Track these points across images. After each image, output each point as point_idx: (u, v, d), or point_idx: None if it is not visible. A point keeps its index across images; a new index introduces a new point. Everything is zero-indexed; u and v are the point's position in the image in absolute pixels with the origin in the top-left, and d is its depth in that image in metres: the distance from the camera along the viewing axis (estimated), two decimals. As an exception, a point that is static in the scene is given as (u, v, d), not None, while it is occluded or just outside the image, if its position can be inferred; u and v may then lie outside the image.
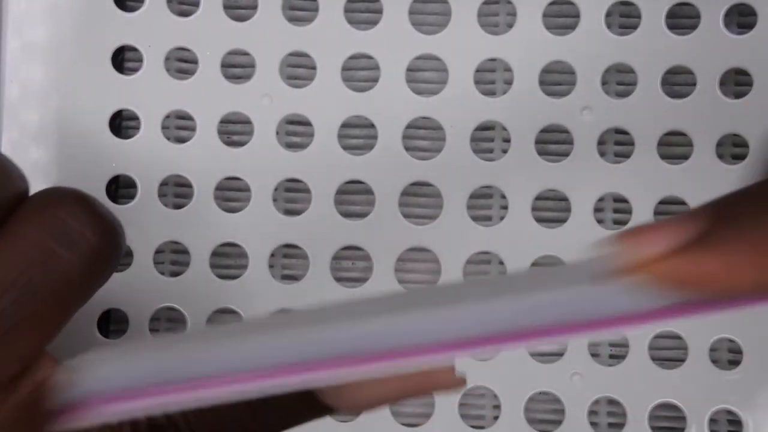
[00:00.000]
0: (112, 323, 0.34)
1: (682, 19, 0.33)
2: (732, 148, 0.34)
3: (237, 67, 0.34)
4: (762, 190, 0.17)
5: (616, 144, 0.34)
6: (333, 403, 0.23)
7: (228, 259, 0.34)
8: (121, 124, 0.34)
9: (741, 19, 0.34)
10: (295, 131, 0.35)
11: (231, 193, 0.34)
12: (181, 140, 0.34)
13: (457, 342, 0.17)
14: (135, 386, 0.18)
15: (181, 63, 0.34)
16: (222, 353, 0.18)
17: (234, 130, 0.34)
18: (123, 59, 0.34)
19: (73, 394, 0.18)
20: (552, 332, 0.17)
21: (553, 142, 0.34)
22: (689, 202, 0.33)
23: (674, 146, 0.33)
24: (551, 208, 0.34)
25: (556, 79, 0.34)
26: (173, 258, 0.34)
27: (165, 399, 0.18)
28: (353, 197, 0.34)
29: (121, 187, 0.34)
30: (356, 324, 0.18)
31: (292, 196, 0.34)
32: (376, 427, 0.33)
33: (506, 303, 0.17)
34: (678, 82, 0.34)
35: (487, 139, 0.34)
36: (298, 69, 0.34)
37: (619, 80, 0.34)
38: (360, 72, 0.34)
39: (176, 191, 0.34)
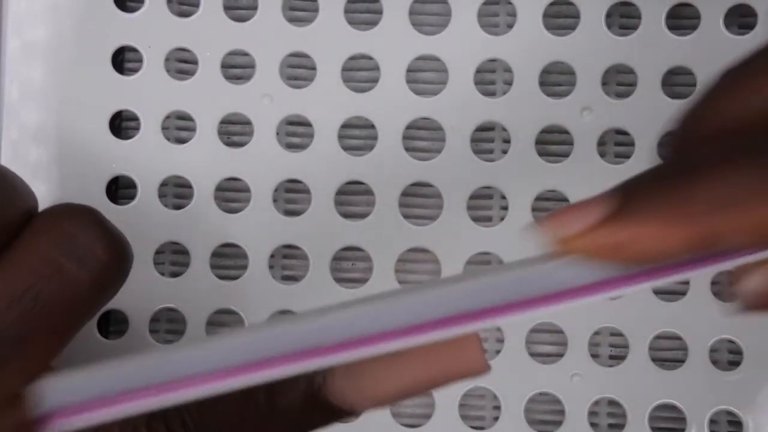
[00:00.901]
0: (112, 324, 0.34)
1: (682, 20, 0.33)
2: (732, 149, 0.34)
3: (237, 67, 0.34)
4: (669, 162, 0.19)
5: (616, 144, 0.34)
6: (350, 402, 0.22)
7: (228, 260, 0.34)
8: (121, 124, 0.34)
9: (741, 20, 0.34)
10: (295, 131, 0.35)
11: (231, 194, 0.34)
12: (181, 140, 0.34)
13: (414, 327, 0.19)
14: (100, 395, 0.19)
15: (181, 63, 0.34)
16: (185, 356, 0.19)
17: (234, 130, 0.34)
18: (123, 59, 0.34)
19: (42, 407, 0.19)
20: (502, 311, 0.19)
21: (553, 142, 0.34)
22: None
23: (674, 147, 0.33)
24: (551, 208, 0.34)
25: (556, 79, 0.34)
26: (173, 258, 0.34)
27: (132, 404, 0.19)
28: (353, 197, 0.34)
29: (121, 188, 0.34)
30: (319, 317, 0.19)
31: (292, 196, 0.34)
32: (376, 427, 0.33)
33: (457, 288, 0.19)
34: (678, 82, 0.34)
35: (487, 139, 0.34)
36: (298, 69, 0.34)
37: (619, 80, 0.34)
38: (360, 72, 0.34)
39: (176, 191, 0.34)
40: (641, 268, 0.18)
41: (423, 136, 0.34)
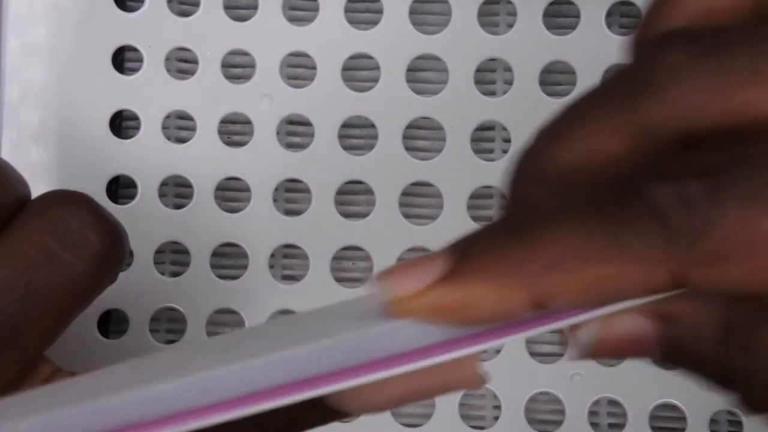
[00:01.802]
0: (112, 323, 0.34)
1: (682, 19, 0.33)
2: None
3: (237, 67, 0.34)
4: (503, 218, 0.18)
5: (617, 144, 0.34)
6: (344, 406, 0.22)
7: (228, 259, 0.34)
8: (121, 124, 0.34)
9: (741, 19, 0.34)
10: (295, 131, 0.35)
11: (231, 193, 0.34)
12: (181, 140, 0.34)
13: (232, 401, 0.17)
14: None
15: (181, 63, 0.34)
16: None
17: (234, 130, 0.34)
18: (123, 59, 0.34)
19: None
20: (330, 379, 0.17)
21: (554, 142, 0.34)
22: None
23: (674, 146, 0.33)
24: (551, 208, 0.34)
25: (556, 79, 0.34)
26: (173, 258, 0.34)
27: None
28: (353, 197, 0.34)
29: (121, 187, 0.34)
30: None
31: (292, 196, 0.34)
32: (376, 427, 0.33)
33: (289, 355, 0.17)
34: (678, 82, 0.34)
35: (487, 139, 0.34)
36: (298, 69, 0.34)
37: (620, 80, 0.34)
38: (360, 72, 0.34)
39: (176, 191, 0.34)
40: (482, 328, 0.17)
41: (423, 136, 0.34)
